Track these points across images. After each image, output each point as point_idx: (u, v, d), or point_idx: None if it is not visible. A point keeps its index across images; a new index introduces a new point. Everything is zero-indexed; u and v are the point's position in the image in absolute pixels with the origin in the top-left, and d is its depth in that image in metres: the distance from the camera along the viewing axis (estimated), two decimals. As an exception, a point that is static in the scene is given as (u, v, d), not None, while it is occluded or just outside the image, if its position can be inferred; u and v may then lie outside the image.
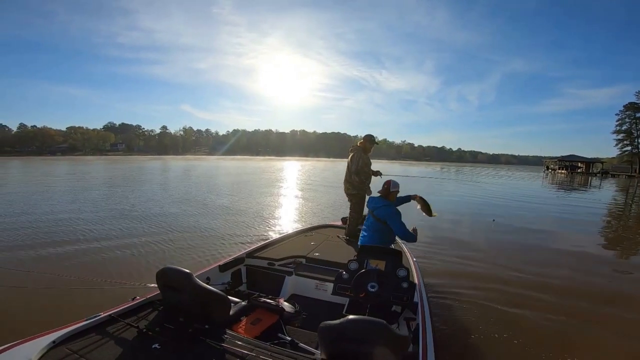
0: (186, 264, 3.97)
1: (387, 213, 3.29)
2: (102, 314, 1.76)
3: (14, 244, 5.51)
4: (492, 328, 3.17)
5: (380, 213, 3.32)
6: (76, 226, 6.79)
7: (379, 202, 3.44)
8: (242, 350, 1.53)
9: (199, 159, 66.94)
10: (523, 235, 7.50)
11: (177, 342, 1.59)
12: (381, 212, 3.32)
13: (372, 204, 3.48)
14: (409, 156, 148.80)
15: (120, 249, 5.35)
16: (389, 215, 3.28)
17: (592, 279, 4.78)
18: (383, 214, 3.30)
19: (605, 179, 39.99)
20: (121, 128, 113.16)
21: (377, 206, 3.39)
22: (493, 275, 4.60)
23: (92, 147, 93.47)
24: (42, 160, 45.85)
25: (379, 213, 3.33)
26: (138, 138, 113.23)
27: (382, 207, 3.36)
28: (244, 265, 3.08)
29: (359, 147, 4.35)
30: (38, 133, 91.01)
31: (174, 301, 1.86)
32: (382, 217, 3.30)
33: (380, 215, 3.31)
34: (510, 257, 5.64)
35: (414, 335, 1.93)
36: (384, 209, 3.33)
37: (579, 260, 5.65)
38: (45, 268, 4.31)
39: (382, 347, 1.40)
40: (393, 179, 3.51)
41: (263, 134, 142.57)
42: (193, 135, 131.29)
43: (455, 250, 5.75)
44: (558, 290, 4.21)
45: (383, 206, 3.36)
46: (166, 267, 1.86)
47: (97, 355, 1.48)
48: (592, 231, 8.54)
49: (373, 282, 2.34)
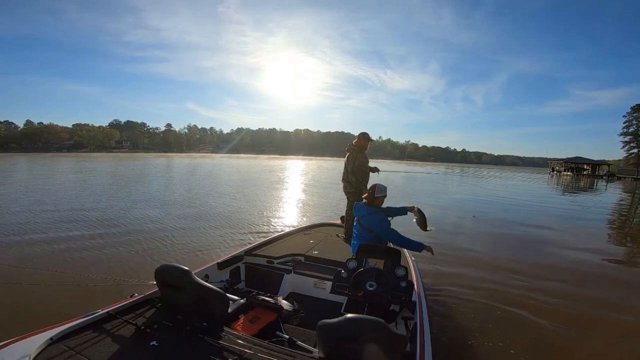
0: (185, 262, 3.98)
1: (372, 221, 3.04)
2: (100, 311, 1.75)
3: (11, 239, 5.51)
4: (489, 328, 3.17)
5: (366, 222, 3.08)
6: (75, 223, 6.81)
7: (363, 209, 3.15)
8: (240, 348, 1.53)
9: (203, 157, 67.19)
10: (523, 236, 7.47)
11: (176, 339, 1.59)
12: (366, 221, 3.08)
13: (357, 212, 3.21)
14: (412, 156, 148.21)
15: (119, 245, 5.35)
16: (376, 224, 3.03)
17: (592, 280, 4.73)
18: (368, 222, 3.06)
19: (611, 181, 39.51)
20: (126, 125, 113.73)
21: (362, 214, 3.13)
22: (492, 276, 4.59)
23: (98, 144, 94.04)
24: (51, 157, 46.15)
25: (365, 222, 3.09)
26: (143, 136, 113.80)
27: (367, 215, 3.10)
28: (242, 263, 3.08)
29: (354, 146, 4.37)
30: (44, 130, 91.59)
31: (173, 298, 1.86)
32: (368, 226, 3.06)
33: (366, 224, 3.08)
34: (510, 257, 5.62)
35: (411, 334, 1.93)
36: (369, 218, 3.08)
37: (580, 261, 5.60)
38: (43, 264, 4.30)
39: (379, 346, 1.40)
40: (380, 183, 3.22)
41: (267, 132, 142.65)
42: (197, 133, 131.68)
43: (454, 251, 5.74)
44: (557, 291, 4.18)
45: (368, 214, 3.09)
46: (165, 265, 1.87)
47: (95, 353, 1.47)
48: (593, 231, 8.48)
49: (371, 281, 2.33)
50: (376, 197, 3.15)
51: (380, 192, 3.14)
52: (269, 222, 7.65)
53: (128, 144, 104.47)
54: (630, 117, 57.22)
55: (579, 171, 52.07)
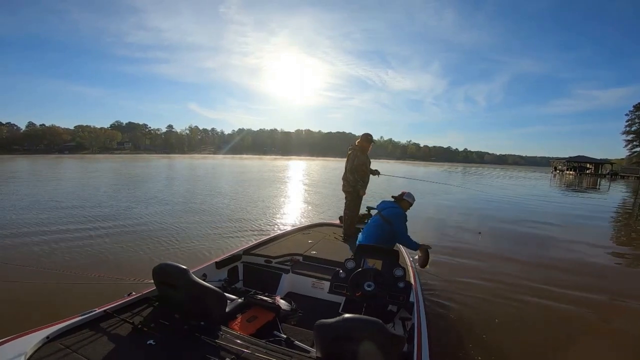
0: (183, 261, 3.97)
1: (394, 213, 3.34)
2: (97, 310, 1.75)
3: (8, 238, 5.49)
4: (487, 329, 3.15)
5: (388, 212, 3.37)
6: (72, 221, 6.79)
7: (389, 202, 3.50)
8: (237, 348, 1.52)
9: (207, 158, 67.28)
10: (523, 236, 7.40)
11: (173, 338, 1.59)
12: (389, 212, 3.37)
13: (382, 205, 3.52)
14: (414, 156, 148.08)
15: (117, 244, 5.32)
16: (396, 216, 3.32)
17: (593, 281, 4.68)
18: (390, 213, 3.35)
19: (614, 180, 39.27)
20: (128, 127, 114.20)
21: (387, 206, 3.44)
22: (490, 276, 4.55)
23: (99, 145, 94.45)
24: (55, 159, 46.15)
25: (386, 212, 3.38)
26: (144, 137, 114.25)
27: (391, 207, 3.41)
28: (240, 262, 3.07)
29: (356, 146, 4.40)
30: (47, 131, 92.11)
31: (170, 297, 1.86)
32: (388, 216, 3.34)
33: (387, 214, 3.36)
34: (509, 258, 5.56)
35: (409, 334, 1.92)
36: (392, 209, 3.38)
37: (581, 262, 5.54)
38: (39, 263, 4.28)
39: (377, 346, 1.40)
40: (410, 191, 3.62)
41: (268, 133, 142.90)
42: (199, 134, 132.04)
43: (453, 251, 5.71)
44: (557, 292, 4.14)
45: (392, 207, 3.41)
46: (163, 263, 1.86)
47: (91, 351, 1.47)
48: (595, 233, 8.38)
49: (369, 282, 2.33)
50: (403, 199, 3.51)
51: (410, 197, 3.54)
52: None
53: (130, 145, 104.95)
54: (633, 116, 57.18)
55: (581, 170, 51.70)
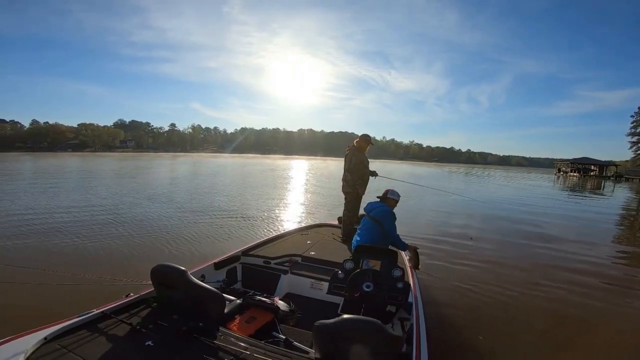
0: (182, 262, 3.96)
1: (383, 211, 3.39)
2: (95, 311, 1.75)
3: (5, 239, 5.45)
4: (485, 329, 3.15)
5: (376, 213, 3.40)
6: (71, 222, 6.76)
7: (376, 203, 3.55)
8: (236, 349, 1.52)
9: (216, 157, 67.29)
10: (522, 237, 7.35)
11: (171, 339, 1.58)
12: (377, 212, 3.41)
13: (369, 207, 3.55)
14: (417, 156, 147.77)
15: (115, 245, 5.29)
16: (385, 214, 3.36)
17: (593, 282, 4.64)
18: (378, 213, 3.39)
19: (619, 182, 38.94)
20: (131, 125, 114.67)
21: (375, 207, 3.48)
22: (489, 277, 4.55)
23: (102, 143, 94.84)
24: (60, 157, 46.17)
25: (375, 213, 3.41)
26: (147, 135, 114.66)
27: (378, 207, 3.46)
28: (239, 263, 3.07)
29: (355, 146, 4.41)
30: (50, 129, 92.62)
31: (169, 298, 1.86)
32: (378, 216, 3.37)
33: (376, 214, 3.39)
34: (508, 259, 5.55)
35: (407, 335, 1.91)
36: (380, 209, 3.43)
37: (581, 264, 5.49)
38: (37, 263, 4.23)
39: (375, 347, 1.40)
40: (393, 189, 3.68)
41: (271, 132, 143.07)
42: (201, 133, 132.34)
43: (452, 251, 5.70)
44: (557, 293, 4.14)
45: (380, 207, 3.46)
46: (161, 264, 1.86)
47: (89, 352, 1.47)
48: (597, 233, 8.35)
49: (368, 282, 2.33)
50: (388, 198, 3.60)
51: (394, 195, 3.61)
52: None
53: (132, 144, 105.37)
54: (638, 117, 56.68)
55: (585, 172, 51.26)
